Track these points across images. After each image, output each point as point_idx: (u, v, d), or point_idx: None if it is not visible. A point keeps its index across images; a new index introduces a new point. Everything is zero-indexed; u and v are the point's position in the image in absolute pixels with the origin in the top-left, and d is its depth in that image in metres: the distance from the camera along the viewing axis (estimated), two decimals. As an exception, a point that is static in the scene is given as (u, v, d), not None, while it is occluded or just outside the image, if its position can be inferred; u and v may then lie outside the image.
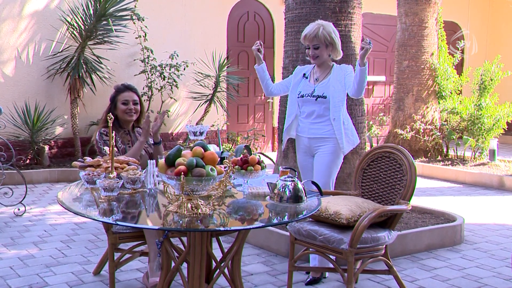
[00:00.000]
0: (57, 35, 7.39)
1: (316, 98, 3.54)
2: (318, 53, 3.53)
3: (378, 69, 10.56)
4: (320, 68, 3.62)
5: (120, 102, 3.56)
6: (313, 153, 3.61)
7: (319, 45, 3.50)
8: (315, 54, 3.53)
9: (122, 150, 3.50)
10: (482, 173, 7.04)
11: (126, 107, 3.56)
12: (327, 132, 3.53)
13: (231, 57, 8.77)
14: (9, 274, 3.60)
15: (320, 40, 3.49)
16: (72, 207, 2.56)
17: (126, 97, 3.57)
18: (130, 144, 3.56)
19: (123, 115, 3.57)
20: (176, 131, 8.46)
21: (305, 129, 3.62)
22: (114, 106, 3.57)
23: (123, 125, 3.61)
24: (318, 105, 3.54)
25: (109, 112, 3.48)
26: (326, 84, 3.55)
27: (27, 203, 5.35)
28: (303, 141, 3.64)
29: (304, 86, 3.64)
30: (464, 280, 3.62)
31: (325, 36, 3.48)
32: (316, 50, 3.52)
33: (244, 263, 3.77)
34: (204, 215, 2.39)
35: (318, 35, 3.47)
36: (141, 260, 3.79)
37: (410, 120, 8.09)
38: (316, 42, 3.50)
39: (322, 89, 3.55)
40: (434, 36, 8.13)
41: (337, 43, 3.55)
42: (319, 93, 3.54)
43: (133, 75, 7.78)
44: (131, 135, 3.62)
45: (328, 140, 3.53)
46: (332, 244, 2.97)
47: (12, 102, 7.03)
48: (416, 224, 4.46)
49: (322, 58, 3.55)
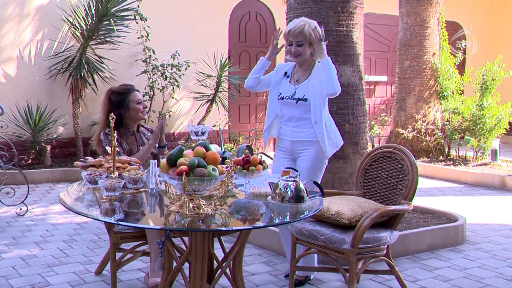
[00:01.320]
0: (59, 35, 7.40)
1: (296, 101, 3.38)
2: (301, 50, 3.35)
3: (379, 69, 10.55)
4: (301, 68, 3.46)
5: (134, 103, 3.53)
6: (295, 156, 3.46)
7: (302, 42, 3.34)
8: (297, 52, 3.36)
9: (127, 151, 3.49)
10: (484, 173, 7.03)
11: (142, 106, 3.56)
12: (310, 135, 3.38)
13: (232, 57, 8.77)
14: (11, 274, 3.60)
15: (305, 37, 3.32)
16: (74, 207, 2.57)
17: (138, 96, 3.57)
18: (135, 145, 3.56)
19: (138, 115, 3.56)
20: (178, 131, 8.46)
21: (288, 132, 3.46)
22: (126, 108, 3.52)
23: (128, 126, 3.60)
24: (299, 108, 3.38)
25: (110, 112, 3.48)
26: (306, 85, 3.39)
27: (29, 203, 5.36)
28: (285, 144, 3.49)
29: (284, 86, 3.48)
30: (466, 281, 3.62)
31: (310, 33, 3.33)
32: (299, 47, 3.35)
33: (246, 263, 3.77)
34: (206, 215, 2.40)
35: (303, 31, 3.31)
36: (142, 260, 3.79)
37: (412, 120, 8.08)
38: (300, 38, 3.33)
39: (303, 91, 3.39)
40: (436, 36, 8.12)
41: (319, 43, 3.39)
42: (300, 95, 3.38)
43: (134, 75, 7.78)
44: (136, 136, 3.62)
45: (311, 144, 3.38)
46: (334, 244, 2.96)
47: (14, 102, 7.04)
48: (418, 224, 4.46)
49: (303, 57, 3.38)
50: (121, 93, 3.56)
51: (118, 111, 3.48)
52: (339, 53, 4.39)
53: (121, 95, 3.55)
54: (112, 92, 3.58)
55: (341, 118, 4.34)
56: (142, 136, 3.65)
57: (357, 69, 4.48)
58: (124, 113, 3.53)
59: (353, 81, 4.40)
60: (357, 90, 4.43)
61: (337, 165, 4.33)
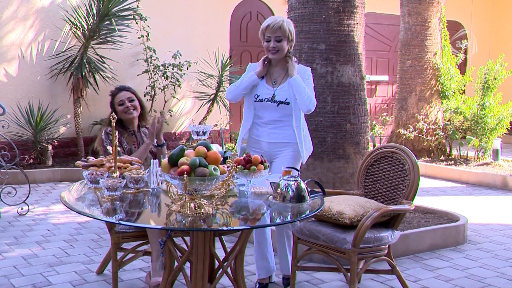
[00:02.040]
0: (60, 35, 7.40)
1: (277, 104, 3.25)
2: (279, 46, 3.22)
3: (381, 68, 10.55)
4: (277, 68, 3.32)
5: (117, 105, 3.65)
6: (272, 158, 3.33)
7: (281, 38, 3.21)
8: (276, 47, 3.22)
9: (127, 151, 3.53)
10: (485, 173, 7.02)
11: (123, 107, 3.64)
12: (287, 136, 3.29)
13: (233, 56, 8.77)
14: (13, 273, 3.61)
15: (284, 32, 3.21)
16: (75, 206, 2.57)
17: (120, 97, 3.66)
18: (135, 145, 3.59)
19: (123, 115, 3.64)
20: (179, 130, 8.46)
21: (265, 134, 3.33)
22: (114, 110, 3.64)
23: (128, 126, 3.66)
24: (279, 111, 3.26)
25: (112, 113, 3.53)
26: (286, 88, 3.26)
27: (31, 202, 5.36)
28: (262, 145, 3.35)
29: (261, 88, 3.32)
30: (468, 280, 3.61)
31: (289, 29, 3.23)
32: (278, 43, 3.22)
33: (247, 262, 3.77)
34: (207, 214, 2.40)
35: (283, 26, 3.20)
36: (144, 260, 3.80)
37: (413, 120, 8.07)
38: (279, 33, 3.21)
39: (284, 94, 3.25)
40: (437, 36, 8.11)
41: (294, 40, 3.31)
42: (281, 98, 3.25)
43: (136, 75, 7.78)
44: (137, 136, 3.66)
45: (288, 145, 3.29)
46: (335, 244, 2.96)
47: (16, 102, 7.05)
48: (419, 224, 4.46)
49: (282, 53, 3.25)
50: (110, 96, 3.72)
51: (111, 111, 3.60)
52: (340, 53, 4.39)
53: (111, 98, 3.71)
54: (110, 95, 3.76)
55: (342, 117, 4.34)
56: (143, 136, 3.67)
57: (358, 68, 4.48)
58: (116, 113, 3.61)
59: (354, 81, 4.40)
60: (358, 90, 4.43)
61: (339, 164, 4.33)
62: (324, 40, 4.38)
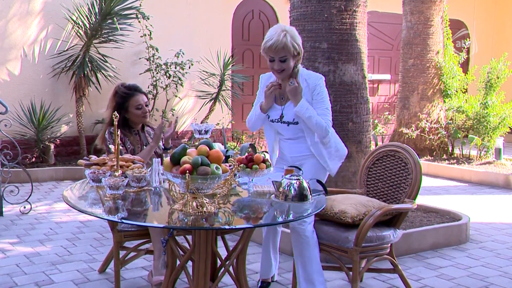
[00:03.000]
0: (62, 33, 7.41)
1: (287, 124, 3.09)
2: (285, 66, 2.99)
3: (383, 67, 10.53)
4: (284, 82, 3.10)
5: (133, 108, 3.50)
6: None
7: (286, 57, 2.98)
8: (281, 68, 2.99)
9: (131, 150, 3.49)
10: (488, 172, 7.01)
11: (141, 112, 3.52)
12: (306, 149, 3.14)
13: (236, 55, 8.77)
14: (16, 272, 3.61)
15: (289, 50, 2.96)
16: (77, 205, 2.57)
17: (139, 101, 3.51)
18: (139, 145, 3.55)
19: (138, 119, 3.55)
20: (181, 129, 8.47)
21: (286, 148, 3.22)
22: (125, 110, 3.50)
23: (133, 126, 3.59)
24: (291, 130, 3.12)
25: (114, 111, 3.48)
26: (293, 106, 3.07)
27: (33, 201, 5.37)
28: (286, 158, 3.25)
29: (271, 108, 3.16)
30: (470, 279, 3.61)
31: (293, 45, 2.97)
32: (283, 63, 2.98)
33: (249, 261, 3.77)
34: (209, 213, 2.40)
35: (287, 46, 2.94)
36: (146, 258, 3.80)
37: (416, 119, 8.06)
38: (283, 54, 2.96)
39: (291, 113, 3.07)
40: (440, 35, 8.10)
41: (302, 51, 3.06)
42: (289, 118, 3.07)
43: (138, 74, 7.79)
44: (140, 135, 3.61)
45: (309, 157, 3.15)
46: (337, 243, 2.96)
47: (18, 101, 7.06)
48: (421, 223, 4.45)
49: (288, 72, 3.03)
50: (122, 96, 3.52)
51: (120, 112, 3.47)
52: (343, 52, 4.39)
53: (122, 98, 3.52)
54: (116, 92, 3.55)
55: (344, 116, 4.34)
56: (147, 136, 3.64)
57: (361, 67, 4.47)
58: (125, 114, 3.53)
59: (356, 80, 4.40)
60: (360, 89, 4.42)
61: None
62: (326, 38, 4.38)
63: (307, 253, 2.95)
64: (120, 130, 3.46)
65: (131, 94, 3.53)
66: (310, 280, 2.94)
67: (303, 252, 2.96)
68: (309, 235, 2.96)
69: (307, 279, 2.95)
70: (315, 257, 2.95)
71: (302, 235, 2.96)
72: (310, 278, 2.94)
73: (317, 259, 2.96)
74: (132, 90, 3.56)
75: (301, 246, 2.97)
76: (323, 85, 3.10)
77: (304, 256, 2.95)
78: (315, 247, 2.97)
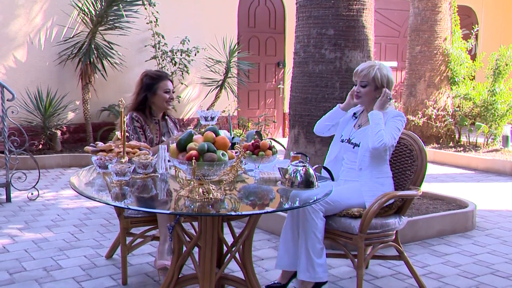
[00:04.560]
0: (68, 20, 7.40)
1: (353, 146, 3.12)
2: (363, 92, 3.09)
3: (390, 54, 10.46)
4: (366, 111, 3.16)
5: (162, 90, 3.52)
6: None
7: (366, 84, 3.09)
8: (359, 92, 3.11)
9: (149, 139, 3.49)
10: (495, 159, 6.98)
11: (168, 96, 3.54)
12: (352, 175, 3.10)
13: (241, 42, 8.73)
14: (24, 257, 3.65)
15: (370, 79, 3.08)
16: (84, 191, 2.59)
17: (168, 86, 3.55)
18: (157, 135, 3.55)
19: (163, 104, 3.55)
20: (187, 116, 8.47)
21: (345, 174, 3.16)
22: (152, 93, 3.51)
23: (154, 114, 3.58)
24: (354, 153, 3.11)
25: (139, 94, 3.49)
26: (365, 130, 3.09)
27: (40, 187, 5.41)
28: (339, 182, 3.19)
29: (348, 129, 3.21)
30: (476, 266, 3.61)
31: (375, 77, 3.07)
32: (363, 88, 3.10)
33: (255, 248, 3.79)
34: (215, 200, 2.40)
35: (368, 74, 3.08)
36: (152, 245, 3.83)
37: (422, 106, 8.02)
38: (365, 80, 3.09)
39: (360, 136, 3.11)
40: (448, 21, 8.02)
41: (386, 87, 3.08)
42: (356, 140, 3.11)
43: (144, 61, 7.78)
44: (160, 125, 3.60)
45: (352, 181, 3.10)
46: (343, 229, 2.97)
47: (25, 88, 7.08)
48: (427, 210, 4.45)
49: (365, 99, 3.11)
50: (153, 77, 3.56)
51: (145, 94, 3.51)
52: (349, 38, 4.36)
53: (153, 79, 3.55)
54: (146, 75, 3.60)
55: (351, 103, 4.32)
56: (167, 125, 3.65)
57: (367, 54, 4.44)
58: (150, 97, 3.53)
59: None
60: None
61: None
62: (333, 25, 4.35)
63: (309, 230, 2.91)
64: (141, 117, 3.49)
65: (162, 77, 3.57)
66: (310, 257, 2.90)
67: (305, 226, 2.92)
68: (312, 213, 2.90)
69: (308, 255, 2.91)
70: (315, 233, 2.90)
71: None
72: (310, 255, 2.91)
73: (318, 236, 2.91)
74: (163, 74, 3.62)
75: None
76: (401, 119, 3.06)
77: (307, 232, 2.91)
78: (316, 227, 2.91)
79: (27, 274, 3.37)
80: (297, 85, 4.59)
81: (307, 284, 2.96)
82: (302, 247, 2.93)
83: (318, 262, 2.90)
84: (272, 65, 9.29)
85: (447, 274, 3.47)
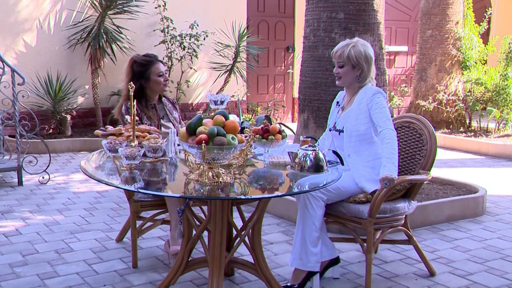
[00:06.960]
0: (77, 4, 7.38)
1: (339, 132, 3.05)
2: (341, 72, 3.03)
3: (400, 39, 10.35)
4: (348, 94, 3.13)
5: (155, 75, 3.48)
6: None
7: (343, 64, 3.02)
8: (338, 73, 3.06)
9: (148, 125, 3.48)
10: (506, 144, 6.92)
11: (163, 79, 3.51)
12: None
13: (251, 27, 8.68)
14: (36, 239, 3.70)
15: (345, 58, 3.00)
16: (95, 175, 2.60)
17: (160, 68, 3.51)
18: (156, 118, 3.53)
19: (159, 87, 3.52)
20: (196, 101, 8.47)
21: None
22: (146, 79, 3.47)
23: (150, 99, 3.56)
24: (341, 140, 3.04)
25: (130, 81, 3.46)
26: (347, 114, 3.04)
27: (51, 171, 5.46)
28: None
29: (332, 116, 3.18)
30: (485, 251, 3.61)
31: (349, 55, 2.99)
32: (340, 68, 3.03)
33: (264, 232, 3.81)
34: (225, 183, 2.41)
35: (343, 53, 3.01)
36: (162, 228, 3.85)
37: (433, 91, 7.95)
38: (340, 60, 3.03)
39: (343, 120, 3.05)
40: (460, 4, 7.91)
41: (364, 66, 3.01)
42: (339, 126, 3.06)
43: (153, 45, 7.76)
44: (157, 108, 3.58)
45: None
46: (351, 214, 2.97)
47: (35, 72, 7.10)
48: (437, 195, 4.44)
49: (345, 80, 3.05)
50: (143, 64, 3.50)
51: (139, 82, 3.45)
52: (360, 22, 4.31)
53: (143, 66, 3.49)
54: (135, 62, 3.52)
55: (361, 88, 4.29)
56: (164, 107, 3.64)
57: (378, 38, 4.40)
58: (145, 84, 3.49)
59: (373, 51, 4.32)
60: (377, 60, 4.35)
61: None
62: (343, 8, 4.30)
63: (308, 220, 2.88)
64: (137, 105, 3.44)
65: (152, 62, 3.51)
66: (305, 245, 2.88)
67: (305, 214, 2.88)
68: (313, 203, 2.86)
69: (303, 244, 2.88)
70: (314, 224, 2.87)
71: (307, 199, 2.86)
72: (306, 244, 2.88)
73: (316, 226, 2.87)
74: (152, 57, 3.55)
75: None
76: (381, 98, 2.99)
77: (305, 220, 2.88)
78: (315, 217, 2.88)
79: (39, 256, 3.41)
80: (307, 70, 4.56)
81: (299, 273, 2.92)
82: (298, 234, 2.89)
83: (312, 251, 2.87)
84: (282, 50, 9.24)
85: (456, 259, 3.47)
